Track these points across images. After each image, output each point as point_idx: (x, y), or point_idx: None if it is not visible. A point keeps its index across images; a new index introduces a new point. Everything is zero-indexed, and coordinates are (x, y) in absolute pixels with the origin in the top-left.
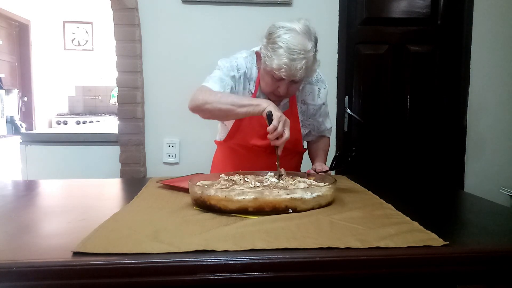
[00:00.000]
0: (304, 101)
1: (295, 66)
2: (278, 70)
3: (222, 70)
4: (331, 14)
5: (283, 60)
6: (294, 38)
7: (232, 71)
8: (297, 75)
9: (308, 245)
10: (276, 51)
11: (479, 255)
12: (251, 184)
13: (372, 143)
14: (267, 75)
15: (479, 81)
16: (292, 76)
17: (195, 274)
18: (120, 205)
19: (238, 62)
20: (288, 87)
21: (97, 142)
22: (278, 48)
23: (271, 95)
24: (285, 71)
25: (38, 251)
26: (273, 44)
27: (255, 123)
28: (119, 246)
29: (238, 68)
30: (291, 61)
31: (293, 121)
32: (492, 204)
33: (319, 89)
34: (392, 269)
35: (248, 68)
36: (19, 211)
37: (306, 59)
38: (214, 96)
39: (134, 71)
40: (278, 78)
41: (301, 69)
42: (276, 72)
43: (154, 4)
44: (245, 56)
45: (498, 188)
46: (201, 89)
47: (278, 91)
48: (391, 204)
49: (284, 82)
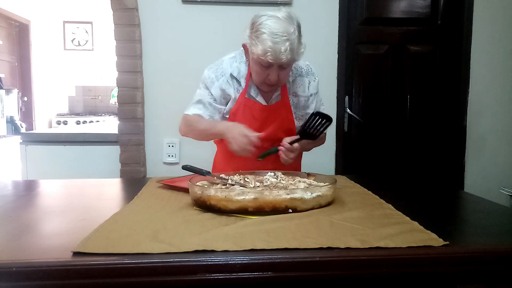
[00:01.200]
0: (295, 93)
1: (280, 49)
2: (264, 55)
3: (206, 83)
4: (331, 14)
5: (267, 44)
6: (276, 23)
7: (216, 81)
8: (282, 57)
9: (308, 245)
10: (259, 37)
11: (479, 255)
12: (251, 184)
13: (372, 143)
14: (256, 65)
15: (479, 81)
16: (279, 60)
17: (195, 274)
18: (120, 205)
19: (223, 67)
20: (278, 73)
21: (97, 142)
22: (261, 34)
23: (263, 85)
24: (271, 54)
25: (38, 251)
26: (256, 32)
27: (249, 117)
28: (119, 246)
29: (223, 73)
30: (275, 44)
31: (286, 111)
32: (492, 204)
33: (309, 81)
34: (392, 269)
35: (234, 68)
36: (19, 211)
37: (289, 41)
38: (188, 128)
39: (134, 71)
40: (266, 64)
41: (285, 51)
42: (262, 58)
43: (154, 4)
44: (232, 56)
45: (498, 188)
46: (183, 118)
47: (269, 79)
48: (391, 204)
49: (273, 68)
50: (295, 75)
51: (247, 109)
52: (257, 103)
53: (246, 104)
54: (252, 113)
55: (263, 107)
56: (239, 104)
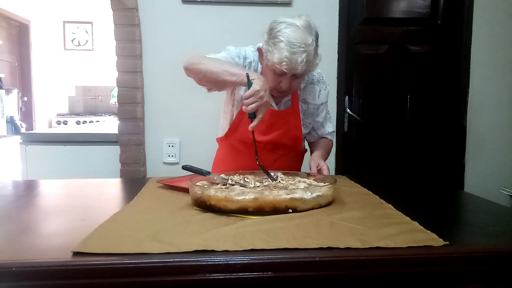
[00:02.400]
0: (305, 100)
1: (296, 59)
2: (279, 63)
3: (228, 53)
4: (331, 14)
5: (284, 54)
6: (294, 32)
7: (238, 58)
8: (298, 68)
9: (308, 245)
10: (277, 45)
11: (479, 255)
12: (251, 184)
13: (372, 143)
14: (269, 71)
15: (479, 81)
16: (293, 70)
17: (195, 274)
18: (120, 205)
19: (246, 52)
20: (290, 82)
21: (97, 142)
22: (279, 42)
23: (274, 91)
24: (286, 64)
25: (38, 251)
26: (274, 39)
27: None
28: (119, 246)
29: (245, 57)
30: (292, 54)
31: (294, 118)
32: (492, 204)
33: (320, 90)
34: (392, 269)
35: (255, 61)
36: (19, 211)
37: (306, 52)
38: (210, 59)
39: (134, 71)
40: (280, 72)
41: (301, 62)
42: (278, 66)
43: (154, 4)
44: (253, 49)
45: (498, 188)
46: (199, 54)
47: (281, 87)
48: (391, 204)
49: (286, 76)
50: (306, 82)
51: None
52: None
53: None
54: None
55: (272, 112)
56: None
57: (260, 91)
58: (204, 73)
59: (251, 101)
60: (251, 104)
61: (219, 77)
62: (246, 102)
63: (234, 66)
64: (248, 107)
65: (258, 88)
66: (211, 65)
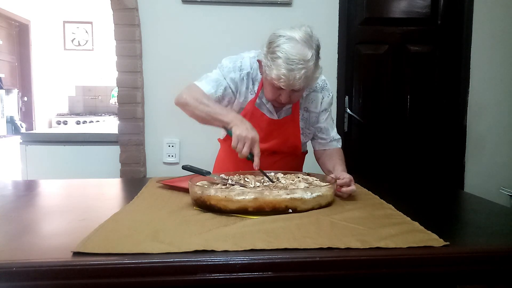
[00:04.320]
0: (306, 109)
1: (294, 76)
2: (277, 80)
3: (222, 70)
4: (331, 14)
5: (281, 71)
6: (293, 48)
7: (233, 72)
8: (296, 85)
9: (308, 245)
10: (275, 61)
11: (479, 255)
12: (251, 184)
13: (372, 143)
14: (268, 84)
15: (479, 81)
16: (291, 86)
17: (195, 274)
18: (120, 205)
19: (242, 62)
20: (290, 95)
21: (97, 142)
22: (277, 58)
23: (274, 102)
24: (284, 81)
25: (38, 251)
26: (272, 54)
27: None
28: (119, 246)
29: (241, 69)
30: (290, 71)
31: (293, 127)
32: (492, 204)
33: (322, 97)
34: (393, 269)
35: (253, 69)
36: (19, 211)
37: (305, 69)
38: (195, 101)
39: (134, 71)
40: (278, 87)
41: (300, 79)
42: (275, 82)
43: (154, 4)
44: (252, 56)
45: (498, 188)
46: (190, 88)
47: (280, 99)
48: (392, 204)
49: (285, 91)
50: (309, 90)
51: (254, 119)
52: (265, 116)
53: (253, 113)
54: (259, 124)
55: (270, 121)
56: (246, 111)
57: (242, 134)
58: (190, 115)
59: (240, 146)
60: (242, 148)
61: (204, 122)
62: (237, 150)
63: (215, 109)
64: (242, 153)
65: (238, 132)
66: (195, 109)
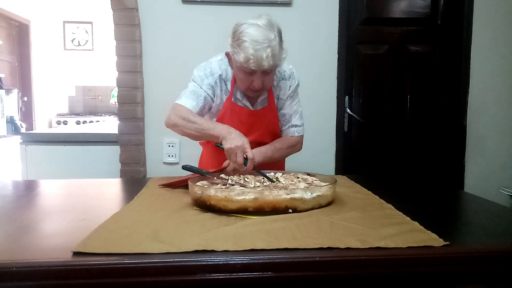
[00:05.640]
0: (278, 96)
1: (261, 55)
2: (247, 62)
3: (196, 80)
4: (331, 14)
5: (249, 52)
6: (256, 31)
7: (206, 79)
8: (265, 64)
9: (308, 245)
10: (241, 45)
11: (479, 255)
12: (251, 184)
13: (372, 143)
14: (240, 72)
15: (479, 81)
16: (261, 66)
17: (195, 274)
18: (120, 205)
19: (212, 67)
20: (262, 79)
21: (97, 142)
22: (243, 42)
23: (248, 91)
24: (253, 61)
25: (38, 251)
26: (238, 40)
27: (235, 122)
28: (119, 246)
29: (213, 73)
30: (256, 51)
31: (272, 116)
32: (492, 204)
33: (290, 85)
34: (392, 269)
35: (223, 70)
36: (19, 211)
37: (271, 47)
38: (183, 121)
39: (134, 71)
40: (249, 71)
41: (267, 58)
42: (245, 65)
43: (154, 4)
44: (219, 59)
45: (498, 188)
46: (175, 108)
47: (254, 85)
48: (391, 204)
49: (257, 75)
50: (279, 79)
51: (234, 114)
52: (244, 108)
53: (232, 108)
54: (239, 118)
55: (250, 112)
56: (225, 108)
57: (231, 146)
58: (182, 134)
59: (234, 158)
60: (236, 157)
61: (195, 138)
62: (233, 161)
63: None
64: (237, 162)
65: (228, 146)
66: (183, 128)
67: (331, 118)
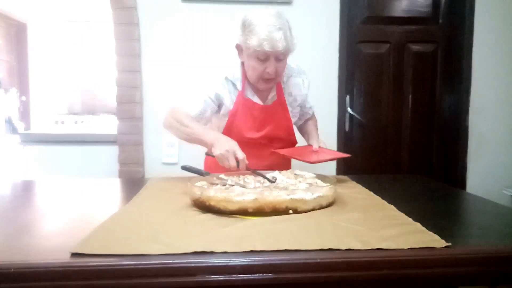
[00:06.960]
0: (290, 93)
1: (275, 37)
2: (260, 45)
3: (201, 89)
4: (332, 13)
5: (263, 34)
6: (267, 17)
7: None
8: (279, 46)
9: (308, 247)
10: (253, 30)
11: (481, 256)
12: (251, 184)
13: (373, 143)
14: (253, 59)
15: (481, 80)
16: (275, 47)
17: (195, 276)
18: (119, 206)
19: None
20: (275, 65)
21: (96, 142)
22: (255, 27)
23: (260, 82)
24: (267, 42)
25: (36, 252)
26: (249, 27)
27: (248, 117)
28: (118, 247)
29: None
30: (270, 32)
31: (282, 110)
32: (494, 205)
33: (303, 80)
34: (394, 270)
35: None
36: (18, 211)
37: (282, 30)
38: (177, 123)
39: (133, 70)
40: (263, 56)
41: (280, 39)
42: (259, 49)
43: (153, 3)
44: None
45: (500, 189)
46: (173, 110)
47: (267, 72)
48: (393, 205)
49: (270, 61)
50: (288, 76)
51: (246, 109)
52: (256, 103)
53: (245, 103)
54: (252, 113)
55: (262, 107)
56: (237, 104)
57: (221, 152)
58: (177, 137)
59: (226, 162)
60: (229, 161)
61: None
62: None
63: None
64: (230, 166)
65: (218, 152)
66: (177, 131)
67: (332, 118)
